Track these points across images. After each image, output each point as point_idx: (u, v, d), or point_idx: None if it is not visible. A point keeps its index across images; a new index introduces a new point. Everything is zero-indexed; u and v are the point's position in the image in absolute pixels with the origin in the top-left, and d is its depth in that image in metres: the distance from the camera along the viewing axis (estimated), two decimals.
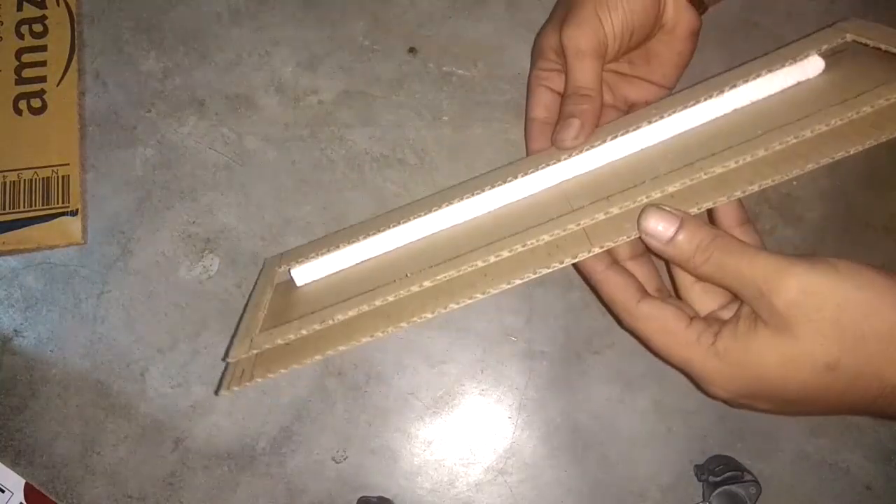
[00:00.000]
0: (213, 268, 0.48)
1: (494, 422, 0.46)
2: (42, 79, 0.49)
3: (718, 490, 0.42)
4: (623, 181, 0.35)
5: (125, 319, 0.47)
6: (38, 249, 0.48)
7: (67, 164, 0.48)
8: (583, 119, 0.39)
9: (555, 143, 0.40)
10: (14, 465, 0.46)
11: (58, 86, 0.49)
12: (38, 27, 0.50)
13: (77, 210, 0.48)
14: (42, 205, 0.48)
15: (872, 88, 0.33)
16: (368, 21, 0.50)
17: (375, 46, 0.50)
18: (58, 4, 0.50)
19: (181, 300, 0.47)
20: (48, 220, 0.47)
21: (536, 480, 0.46)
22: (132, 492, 0.46)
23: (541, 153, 0.41)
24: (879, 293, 0.29)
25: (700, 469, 0.44)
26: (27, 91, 0.49)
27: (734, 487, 0.42)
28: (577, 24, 0.39)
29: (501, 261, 0.34)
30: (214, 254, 0.48)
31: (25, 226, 0.47)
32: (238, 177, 0.49)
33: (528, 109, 0.44)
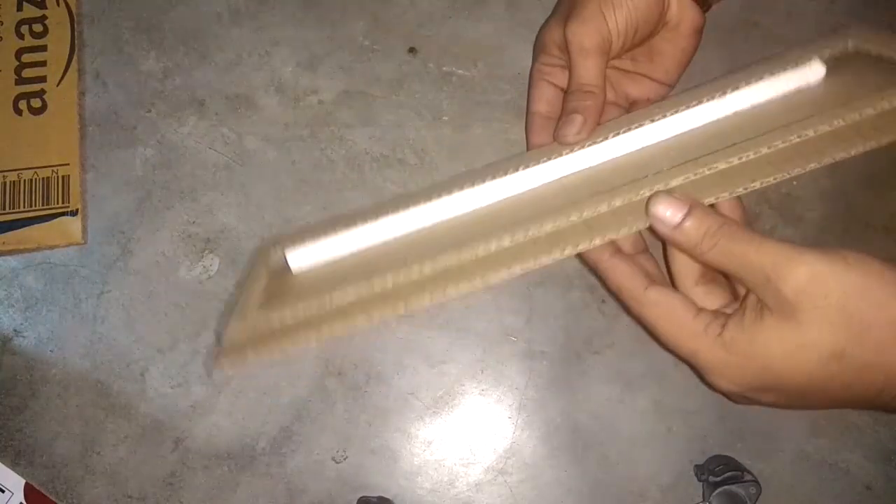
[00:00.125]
0: (213, 268, 0.48)
1: (494, 422, 0.46)
2: (42, 79, 0.49)
3: (718, 490, 0.42)
4: (625, 176, 0.35)
5: (125, 319, 0.47)
6: (38, 249, 0.48)
7: (67, 164, 0.48)
8: (586, 115, 0.39)
9: (557, 139, 0.40)
10: (14, 465, 0.46)
11: (58, 86, 0.49)
12: (38, 27, 0.50)
13: (77, 210, 0.48)
14: (42, 205, 0.48)
15: (874, 91, 0.33)
16: (368, 21, 0.50)
17: (375, 46, 0.50)
18: (58, 4, 0.50)
19: (181, 300, 0.47)
20: (48, 220, 0.47)
21: (536, 480, 0.46)
22: (132, 492, 0.46)
23: (542, 147, 0.41)
24: (887, 284, 0.29)
25: (700, 469, 0.44)
26: (27, 91, 0.49)
27: (734, 487, 0.42)
28: (582, 21, 0.39)
29: (503, 249, 0.33)
30: (214, 254, 0.48)
31: (25, 226, 0.47)
32: (238, 177, 0.49)
33: (530, 103, 0.44)
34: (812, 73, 0.37)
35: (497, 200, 0.39)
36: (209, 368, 0.46)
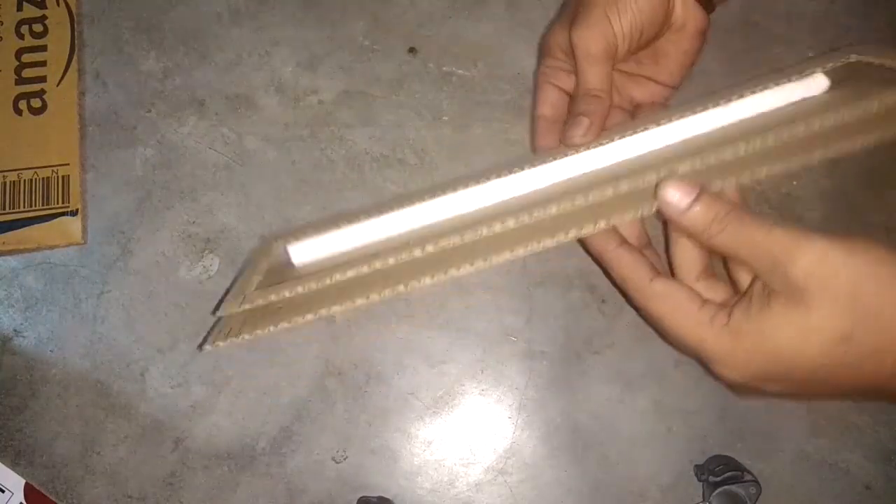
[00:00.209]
0: (213, 268, 0.48)
1: (494, 422, 0.46)
2: (42, 79, 0.49)
3: (718, 490, 0.42)
4: (630, 170, 0.35)
5: (125, 319, 0.47)
6: (38, 249, 0.48)
7: (67, 164, 0.48)
8: (592, 118, 0.39)
9: (563, 140, 0.40)
10: (14, 465, 0.46)
11: (58, 86, 0.49)
12: (38, 27, 0.50)
13: (77, 210, 0.48)
14: (42, 205, 0.48)
15: (880, 88, 0.33)
16: (368, 21, 0.50)
17: (375, 46, 0.50)
18: (58, 4, 0.50)
19: (181, 300, 0.47)
20: (48, 220, 0.47)
21: (536, 480, 0.46)
22: (132, 492, 0.46)
23: (547, 151, 0.41)
24: (895, 270, 0.29)
25: (700, 469, 0.44)
26: (27, 91, 0.49)
27: (734, 487, 0.42)
28: (587, 26, 0.39)
29: (506, 231, 0.33)
30: (214, 254, 0.48)
31: (25, 226, 0.47)
32: (238, 177, 0.49)
33: (535, 107, 0.44)
34: (816, 85, 0.37)
35: (502, 200, 0.39)
36: (200, 345, 0.46)
